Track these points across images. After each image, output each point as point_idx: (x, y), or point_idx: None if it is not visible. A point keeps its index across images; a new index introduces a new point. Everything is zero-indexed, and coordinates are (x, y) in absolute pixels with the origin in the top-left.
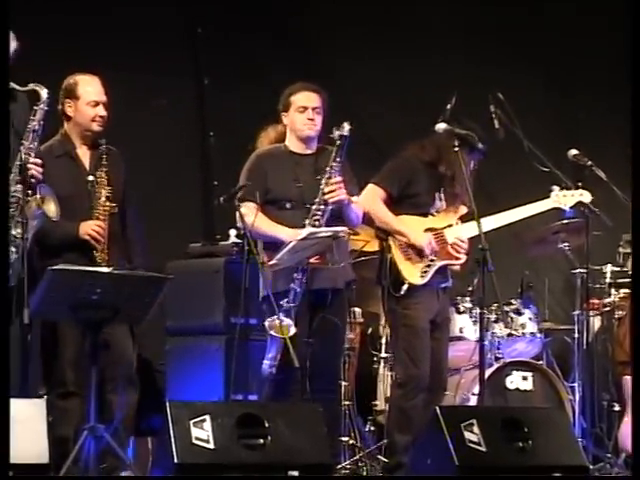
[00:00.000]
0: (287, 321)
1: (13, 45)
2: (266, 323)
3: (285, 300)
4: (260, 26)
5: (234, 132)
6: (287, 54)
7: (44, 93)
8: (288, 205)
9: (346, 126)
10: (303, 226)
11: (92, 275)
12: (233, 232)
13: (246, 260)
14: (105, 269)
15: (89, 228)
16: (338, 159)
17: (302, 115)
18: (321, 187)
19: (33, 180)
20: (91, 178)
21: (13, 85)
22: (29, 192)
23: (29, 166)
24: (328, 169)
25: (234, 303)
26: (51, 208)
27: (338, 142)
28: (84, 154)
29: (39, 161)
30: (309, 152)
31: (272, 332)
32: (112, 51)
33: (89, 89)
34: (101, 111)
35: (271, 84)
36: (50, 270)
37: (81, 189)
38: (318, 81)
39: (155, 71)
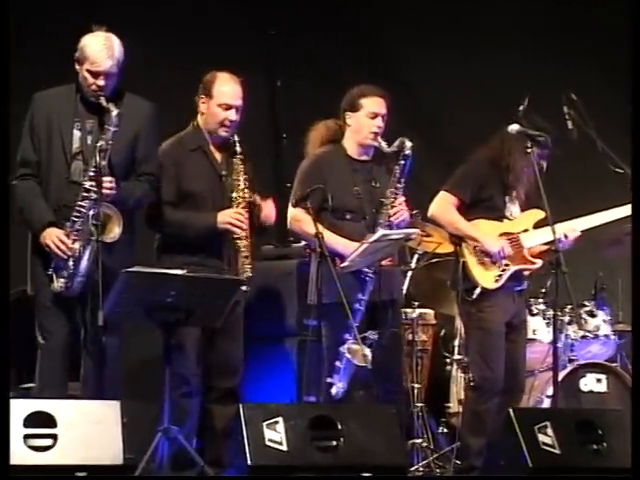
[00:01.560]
0: (364, 348)
1: (118, 54)
2: (345, 347)
3: (352, 320)
4: (332, 27)
5: (307, 134)
6: (358, 55)
7: (114, 113)
8: (348, 216)
9: (408, 143)
10: (361, 237)
11: (166, 277)
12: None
13: (318, 262)
14: (179, 271)
15: (228, 216)
16: (402, 179)
17: (371, 122)
18: (385, 208)
19: (98, 199)
20: (224, 173)
21: (101, 100)
22: (93, 209)
23: (94, 185)
24: (392, 189)
25: (306, 305)
26: (114, 230)
27: (401, 162)
28: (216, 148)
29: (109, 178)
30: (366, 158)
31: (355, 359)
32: (185, 51)
33: (225, 90)
34: (232, 115)
35: (342, 85)
36: (124, 272)
37: (214, 185)
38: (387, 83)
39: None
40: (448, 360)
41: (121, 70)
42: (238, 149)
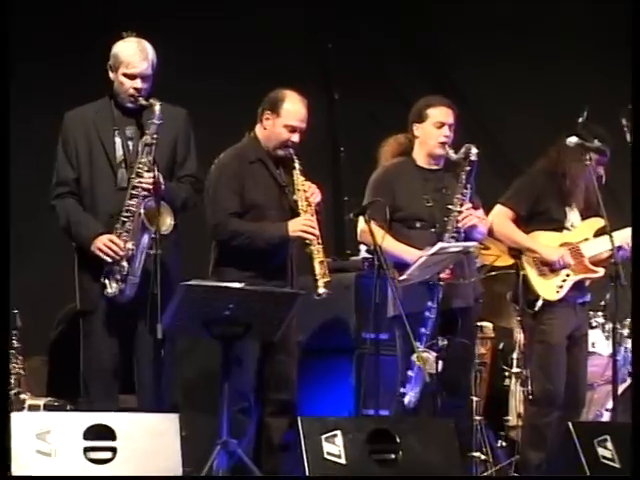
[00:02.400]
0: (433, 355)
1: (151, 56)
2: (415, 355)
3: (423, 329)
4: (389, 40)
5: (364, 147)
6: (417, 68)
7: (157, 107)
8: (418, 224)
9: (474, 150)
10: (431, 246)
11: (224, 291)
12: (363, 247)
13: (377, 276)
14: (237, 285)
15: (299, 224)
16: (469, 185)
17: (438, 131)
18: (453, 214)
19: (147, 194)
20: (285, 184)
21: (140, 101)
22: (143, 205)
23: (143, 180)
24: (459, 196)
25: (365, 318)
26: (166, 221)
27: (467, 168)
28: (274, 160)
29: (153, 175)
30: (436, 168)
31: (424, 367)
32: (244, 64)
33: (293, 111)
34: (295, 138)
35: (400, 98)
36: (183, 286)
37: (276, 196)
38: (444, 94)
39: (286, 86)
40: (507, 373)
41: (155, 75)
42: (297, 165)
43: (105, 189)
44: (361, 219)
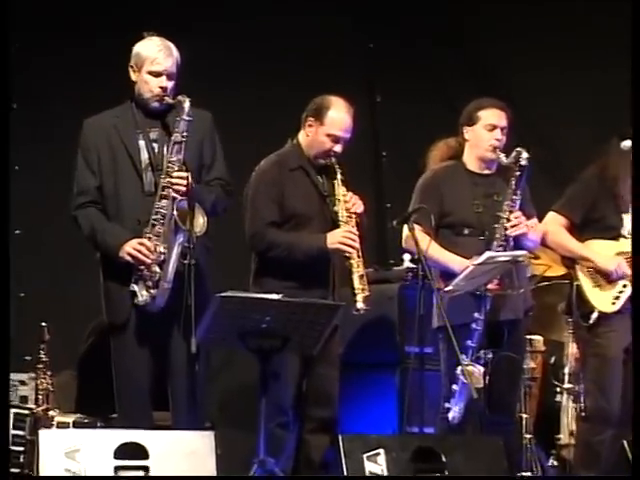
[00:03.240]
0: (480, 369)
1: (175, 56)
2: (460, 369)
3: (469, 341)
4: (434, 40)
5: (407, 152)
6: (462, 69)
7: (186, 104)
8: (466, 231)
9: (524, 154)
10: (480, 254)
11: (261, 302)
12: (407, 257)
13: (421, 286)
14: (274, 296)
15: (338, 236)
16: (518, 191)
17: (490, 134)
18: (501, 222)
19: (178, 195)
20: (327, 193)
21: (167, 100)
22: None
23: (173, 181)
24: (509, 202)
25: (408, 331)
26: (199, 221)
27: (517, 172)
28: (315, 168)
29: (184, 174)
30: (488, 172)
31: (470, 381)
32: (282, 65)
33: (336, 119)
34: (338, 148)
35: (446, 101)
36: (218, 297)
37: (318, 205)
38: (498, 97)
39: (326, 88)
40: (558, 389)
41: (179, 76)
42: (339, 175)
43: (131, 195)
44: (405, 227)
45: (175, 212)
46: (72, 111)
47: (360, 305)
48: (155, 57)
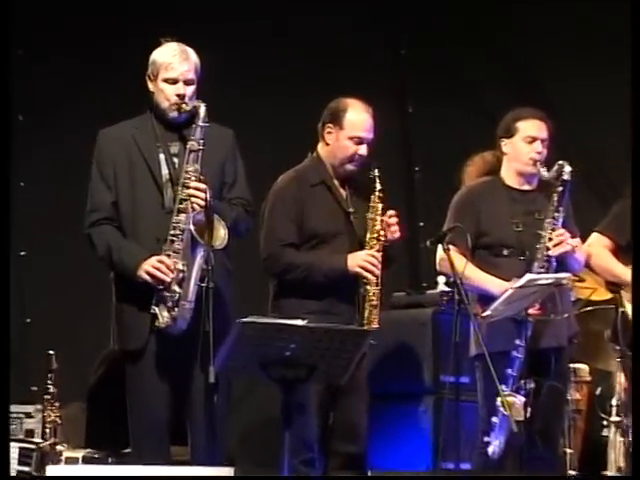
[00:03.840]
0: (521, 400)
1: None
2: (499, 400)
3: (509, 370)
4: (470, 46)
5: (441, 166)
6: (500, 78)
7: (202, 109)
8: (505, 252)
9: (567, 168)
10: (520, 277)
11: (285, 329)
12: (441, 279)
13: (457, 311)
14: (299, 322)
15: (359, 259)
16: (561, 208)
17: (529, 146)
18: (543, 241)
19: (196, 207)
20: (351, 210)
21: (184, 107)
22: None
23: (191, 192)
24: (550, 220)
25: (443, 359)
26: (219, 234)
27: (560, 188)
28: (340, 182)
29: (202, 186)
30: (528, 188)
31: (510, 412)
32: (306, 74)
33: (357, 120)
34: (362, 150)
35: (482, 112)
36: (239, 323)
37: (340, 223)
38: (538, 107)
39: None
40: (605, 422)
41: (199, 84)
42: (378, 186)
43: (150, 211)
44: (439, 247)
45: (192, 226)
46: (82, 122)
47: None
48: (170, 62)
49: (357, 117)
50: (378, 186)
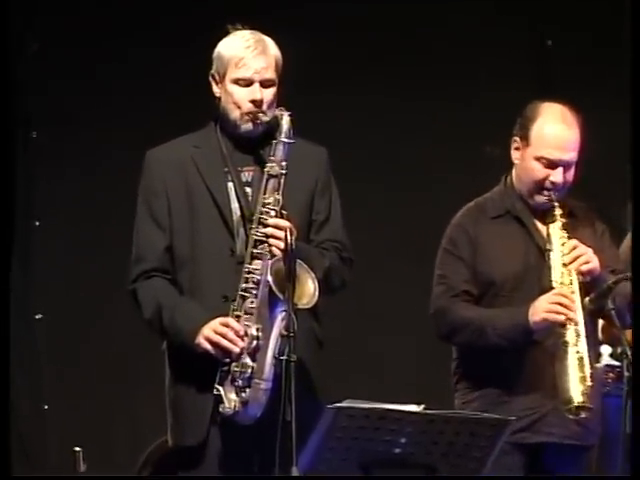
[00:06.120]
0: None
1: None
2: None
3: None
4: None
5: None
6: None
7: (286, 119)
8: None
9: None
10: None
11: (393, 416)
12: (606, 350)
13: (627, 392)
14: (413, 407)
15: (545, 302)
16: None
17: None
18: None
19: (278, 253)
20: (548, 247)
21: (262, 117)
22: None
23: (269, 231)
24: None
25: (607, 454)
26: (307, 289)
27: None
28: (532, 211)
29: (285, 223)
30: None
31: None
32: (430, 70)
33: (546, 134)
34: (557, 176)
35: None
36: (331, 409)
37: (532, 267)
38: None
39: (494, 98)
40: None
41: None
42: (558, 214)
43: (215, 259)
44: (599, 304)
45: (270, 277)
46: (110, 140)
47: (573, 416)
48: (241, 57)
49: (549, 129)
50: (558, 211)
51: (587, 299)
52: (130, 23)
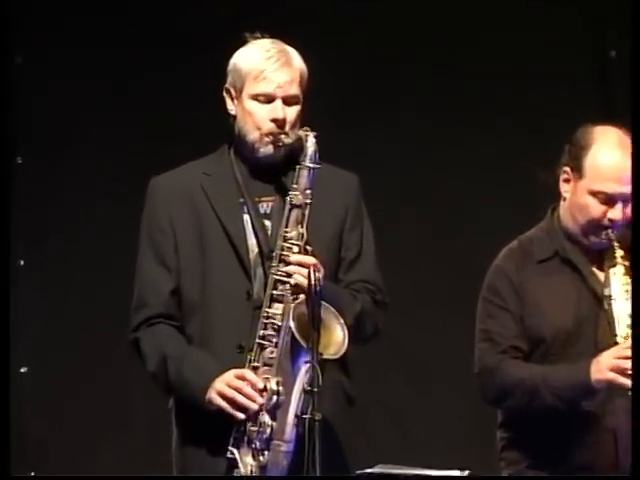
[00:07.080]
0: None
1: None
2: None
3: None
4: None
5: None
6: None
7: (311, 140)
8: None
9: None
10: None
11: None
12: None
13: None
14: (456, 473)
15: (609, 359)
16: None
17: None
18: None
19: (298, 293)
20: (607, 293)
21: (284, 140)
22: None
23: (291, 269)
24: None
25: None
26: (335, 338)
27: None
28: (585, 253)
29: (310, 260)
30: None
31: None
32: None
33: (601, 165)
34: (615, 213)
35: None
36: (361, 475)
37: (588, 318)
38: None
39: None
40: None
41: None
42: (619, 255)
43: (229, 303)
44: None
45: (292, 322)
46: (106, 165)
47: None
48: (262, 69)
49: (605, 159)
50: (619, 252)
51: None
52: (128, 34)
